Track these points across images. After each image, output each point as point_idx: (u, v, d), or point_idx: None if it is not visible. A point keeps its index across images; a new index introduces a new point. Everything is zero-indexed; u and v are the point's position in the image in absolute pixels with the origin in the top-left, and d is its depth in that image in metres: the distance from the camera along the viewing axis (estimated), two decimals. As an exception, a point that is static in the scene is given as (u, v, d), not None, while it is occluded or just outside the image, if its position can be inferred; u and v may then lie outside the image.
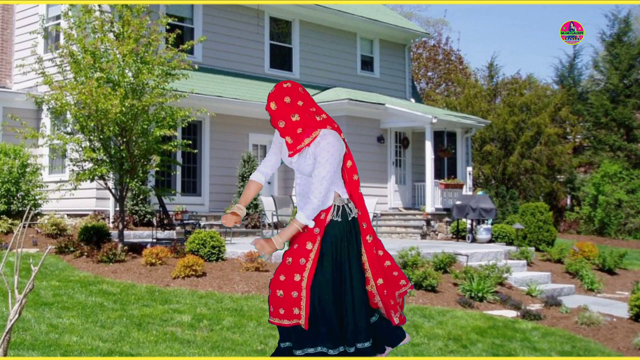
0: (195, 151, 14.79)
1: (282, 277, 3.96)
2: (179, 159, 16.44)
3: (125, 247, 11.60)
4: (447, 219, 18.99)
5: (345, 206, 4.02)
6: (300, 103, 3.94)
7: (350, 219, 4.01)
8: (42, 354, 6.44)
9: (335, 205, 3.98)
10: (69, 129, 12.57)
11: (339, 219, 3.98)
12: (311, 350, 3.91)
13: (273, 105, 3.92)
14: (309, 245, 3.93)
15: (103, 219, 15.08)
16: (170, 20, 12.67)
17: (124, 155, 11.79)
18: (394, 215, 19.39)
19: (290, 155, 4.07)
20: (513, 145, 28.35)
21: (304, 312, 3.90)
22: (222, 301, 9.20)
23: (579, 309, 10.71)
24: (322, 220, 3.96)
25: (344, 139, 4.08)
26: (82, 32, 11.70)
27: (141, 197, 15.05)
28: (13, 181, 13.77)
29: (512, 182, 28.71)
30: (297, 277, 3.91)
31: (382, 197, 19.44)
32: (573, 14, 62.94)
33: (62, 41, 12.71)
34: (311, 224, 3.88)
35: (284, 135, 3.99)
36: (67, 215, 14.90)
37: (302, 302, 3.90)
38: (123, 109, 11.12)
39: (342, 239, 3.96)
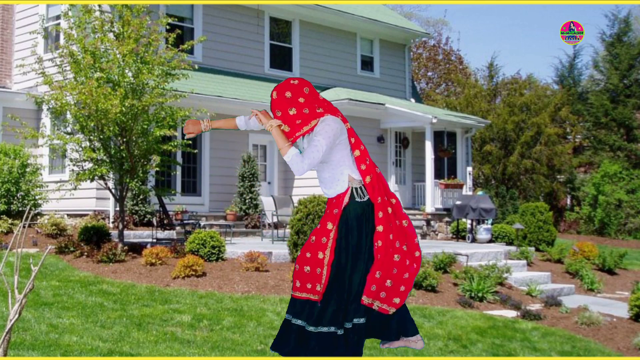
0: (195, 151, 14.78)
1: (308, 254, 4.18)
2: (179, 159, 16.43)
3: (125, 247, 11.60)
4: (447, 219, 18.99)
5: (362, 188, 4.21)
6: (301, 100, 4.15)
7: (366, 199, 4.19)
8: (42, 354, 6.44)
9: (352, 187, 4.19)
10: (69, 129, 12.56)
11: (356, 200, 4.18)
12: (325, 329, 4.08)
13: (274, 95, 4.19)
14: (329, 225, 4.15)
15: (103, 219, 15.08)
16: (170, 20, 12.66)
17: (124, 155, 11.78)
18: (394, 215, 19.34)
19: (298, 135, 4.26)
20: (513, 145, 28.35)
21: (322, 288, 4.11)
22: (222, 301, 9.20)
23: (579, 309, 10.71)
24: (341, 202, 4.17)
25: (350, 128, 4.28)
26: (82, 32, 11.70)
27: (141, 197, 15.05)
28: (13, 181, 13.77)
29: (512, 182, 28.71)
30: (320, 255, 4.13)
31: (382, 197, 19.40)
32: (573, 14, 62.97)
33: (62, 41, 12.71)
34: (288, 159, 4.06)
35: (284, 122, 4.20)
36: (67, 215, 14.90)
37: (323, 279, 4.12)
38: (123, 109, 11.12)
39: (361, 219, 4.15)
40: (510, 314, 10.28)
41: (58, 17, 16.40)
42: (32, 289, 4.43)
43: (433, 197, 19.00)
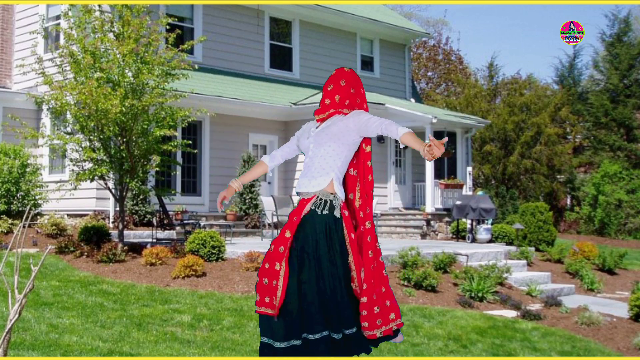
0: (195, 151, 14.78)
1: (267, 265, 3.98)
2: (179, 159, 16.43)
3: (125, 247, 11.60)
4: (447, 219, 18.99)
5: (331, 201, 4.01)
6: (352, 90, 4.19)
7: (332, 214, 3.99)
8: (42, 354, 6.44)
9: (318, 197, 4.00)
10: (69, 129, 12.57)
11: (319, 212, 3.98)
12: (297, 342, 3.88)
13: (347, 69, 4.21)
14: (287, 234, 3.96)
15: (103, 219, 15.08)
16: (170, 20, 12.66)
17: (124, 155, 11.79)
18: (394, 215, 19.38)
19: (315, 112, 4.22)
20: (513, 145, 28.35)
21: (278, 302, 3.89)
22: (222, 301, 9.20)
23: (579, 309, 10.71)
24: (301, 209, 4.00)
25: (369, 152, 4.29)
26: (82, 32, 11.70)
27: (141, 197, 15.05)
28: (13, 181, 13.77)
29: (512, 182, 28.70)
30: (277, 266, 3.93)
31: (382, 197, 19.43)
32: (573, 14, 62.96)
33: (62, 41, 12.71)
34: (403, 131, 3.98)
35: (328, 96, 4.17)
36: (67, 215, 14.90)
37: (279, 292, 3.90)
38: (123, 109, 11.12)
39: (320, 231, 3.94)
40: (510, 314, 10.28)
41: (58, 17, 16.40)
42: (32, 289, 4.43)
43: (433, 197, 18.99)
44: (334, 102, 4.15)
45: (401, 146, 3.75)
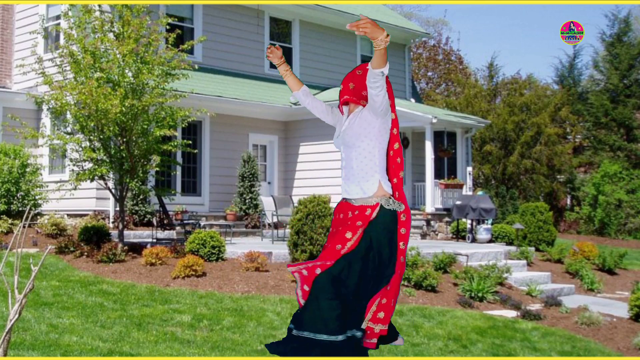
0: (195, 151, 14.78)
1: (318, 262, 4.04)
2: (179, 159, 16.44)
3: (125, 247, 11.60)
4: (447, 219, 18.99)
5: (389, 202, 4.07)
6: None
7: (392, 213, 4.07)
8: (42, 354, 6.44)
9: (380, 204, 4.05)
10: (69, 129, 12.57)
11: (383, 216, 4.04)
12: (311, 335, 3.92)
13: (359, 72, 4.18)
14: (348, 235, 4.00)
15: (103, 219, 15.08)
16: (170, 20, 12.67)
17: (124, 155, 11.79)
18: (394, 215, 19.33)
19: (341, 99, 4.21)
20: (513, 145, 28.35)
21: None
22: (222, 301, 9.20)
23: (579, 309, 10.71)
24: (367, 216, 4.03)
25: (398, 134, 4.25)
26: (82, 32, 11.71)
27: (141, 197, 15.05)
28: (13, 181, 13.77)
29: (512, 182, 28.70)
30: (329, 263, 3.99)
31: (382, 197, 19.39)
32: (573, 14, 62.97)
33: (62, 41, 12.72)
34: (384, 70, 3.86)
35: (343, 83, 4.19)
36: (67, 215, 14.89)
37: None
38: (123, 109, 11.13)
39: (383, 236, 4.01)
40: (510, 314, 10.28)
41: (58, 17, 16.40)
42: (32, 289, 4.44)
43: (433, 197, 18.99)
44: (347, 88, 4.20)
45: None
